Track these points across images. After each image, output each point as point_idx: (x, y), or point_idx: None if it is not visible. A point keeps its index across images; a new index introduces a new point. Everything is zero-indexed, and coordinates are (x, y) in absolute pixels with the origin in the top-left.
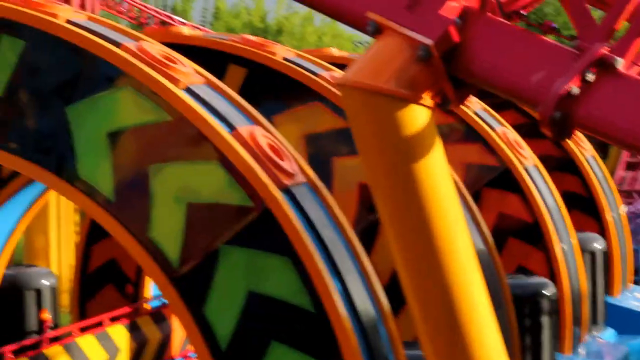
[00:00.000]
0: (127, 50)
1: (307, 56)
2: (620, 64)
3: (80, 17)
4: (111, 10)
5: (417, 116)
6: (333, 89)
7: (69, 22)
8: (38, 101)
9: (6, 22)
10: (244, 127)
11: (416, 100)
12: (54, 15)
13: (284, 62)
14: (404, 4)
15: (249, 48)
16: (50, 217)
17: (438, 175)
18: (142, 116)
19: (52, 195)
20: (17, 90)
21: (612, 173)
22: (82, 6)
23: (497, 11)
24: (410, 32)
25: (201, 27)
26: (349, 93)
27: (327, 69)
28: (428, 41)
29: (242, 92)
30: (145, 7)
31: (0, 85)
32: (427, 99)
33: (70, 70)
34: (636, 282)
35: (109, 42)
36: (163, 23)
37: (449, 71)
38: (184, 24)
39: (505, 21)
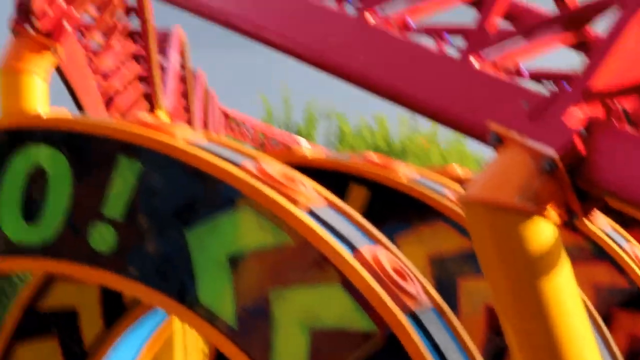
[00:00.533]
0: (246, 170)
1: (430, 175)
2: None
3: (198, 137)
4: (235, 134)
5: (543, 232)
6: (457, 209)
7: (186, 142)
8: (157, 225)
9: (123, 144)
10: (367, 248)
11: (541, 214)
12: (171, 136)
13: (407, 181)
14: (526, 114)
15: (370, 168)
16: (175, 346)
17: (566, 295)
18: (263, 239)
19: (177, 323)
20: (136, 213)
21: None
22: (205, 129)
23: (624, 119)
24: (534, 143)
25: (325, 149)
26: (471, 209)
27: (451, 188)
28: (552, 153)
29: (365, 212)
30: (269, 130)
31: (119, 209)
32: (552, 213)
33: (189, 192)
34: None
35: (228, 163)
36: (287, 146)
37: (574, 183)
38: (307, 146)
39: (633, 130)
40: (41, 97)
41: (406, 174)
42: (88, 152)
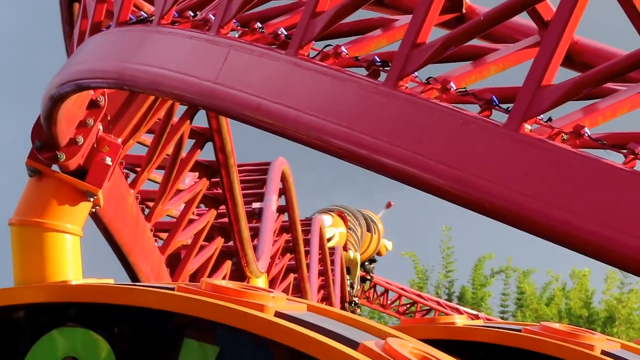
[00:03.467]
0: (366, 351)
1: (635, 346)
2: None
3: (299, 309)
4: (371, 304)
5: None
6: None
7: (279, 315)
8: None
9: (191, 321)
10: None
11: None
12: (259, 308)
13: (603, 357)
14: None
15: (552, 340)
16: None
17: None
18: None
19: None
20: None
21: None
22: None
23: None
24: None
25: (497, 318)
26: None
27: None
28: None
29: None
30: (420, 296)
31: None
32: None
33: None
34: None
35: (341, 342)
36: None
37: None
38: (467, 313)
39: None
40: (72, 260)
41: (604, 348)
42: (140, 335)
